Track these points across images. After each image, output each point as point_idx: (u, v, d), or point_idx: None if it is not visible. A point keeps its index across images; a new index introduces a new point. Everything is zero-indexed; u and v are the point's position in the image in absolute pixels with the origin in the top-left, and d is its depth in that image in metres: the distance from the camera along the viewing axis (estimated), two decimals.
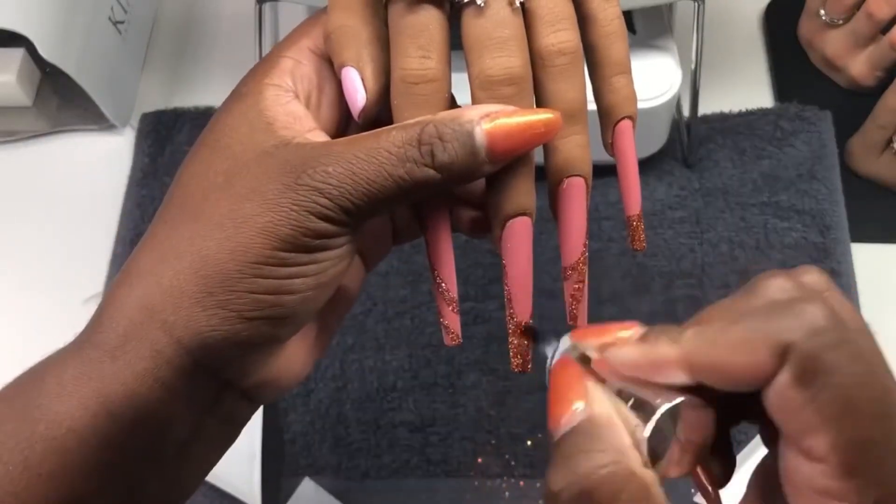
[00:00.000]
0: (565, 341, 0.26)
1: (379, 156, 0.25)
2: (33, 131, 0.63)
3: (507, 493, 0.50)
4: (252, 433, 0.50)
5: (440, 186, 0.25)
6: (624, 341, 0.24)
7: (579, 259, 0.28)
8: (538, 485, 0.50)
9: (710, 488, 0.24)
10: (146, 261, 0.26)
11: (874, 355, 0.21)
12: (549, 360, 0.26)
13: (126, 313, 0.25)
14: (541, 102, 0.27)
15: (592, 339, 0.25)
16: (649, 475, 0.22)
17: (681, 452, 0.23)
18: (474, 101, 0.26)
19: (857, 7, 0.58)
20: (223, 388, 0.27)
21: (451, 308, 0.28)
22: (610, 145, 0.29)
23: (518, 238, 0.27)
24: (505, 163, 0.26)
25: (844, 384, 0.20)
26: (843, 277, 0.54)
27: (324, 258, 0.26)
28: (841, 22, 0.59)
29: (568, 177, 0.27)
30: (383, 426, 0.52)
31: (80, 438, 0.24)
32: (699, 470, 0.24)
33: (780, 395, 0.20)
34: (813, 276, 0.23)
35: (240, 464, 0.50)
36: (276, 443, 0.52)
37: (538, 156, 0.28)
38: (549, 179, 0.28)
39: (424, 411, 0.52)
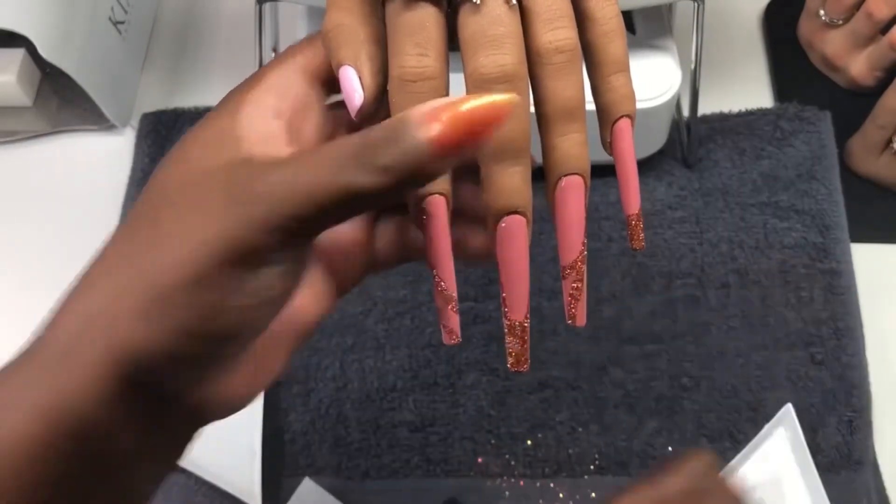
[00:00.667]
0: None
1: (323, 160, 0.24)
2: (33, 131, 0.63)
3: (507, 493, 0.50)
4: (252, 433, 0.50)
5: (391, 190, 0.24)
6: None
7: (577, 258, 0.28)
8: (538, 485, 0.50)
9: None
10: (94, 272, 0.25)
11: None
12: None
13: (68, 324, 0.24)
14: (539, 101, 0.27)
15: None
16: None
17: None
18: None
19: (857, 7, 0.58)
20: (163, 403, 0.26)
21: (449, 307, 0.28)
22: (608, 144, 0.29)
23: (511, 236, 0.26)
24: (460, 154, 0.23)
25: None
26: (843, 277, 0.54)
27: (266, 273, 0.24)
28: (841, 22, 0.59)
29: (566, 175, 0.27)
30: (383, 426, 0.52)
31: (26, 452, 0.23)
32: None
33: None
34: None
35: (240, 464, 0.50)
36: (276, 443, 0.52)
37: (537, 157, 0.28)
38: (546, 178, 0.28)
39: (424, 411, 0.52)
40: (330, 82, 0.29)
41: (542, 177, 0.28)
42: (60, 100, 0.63)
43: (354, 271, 0.31)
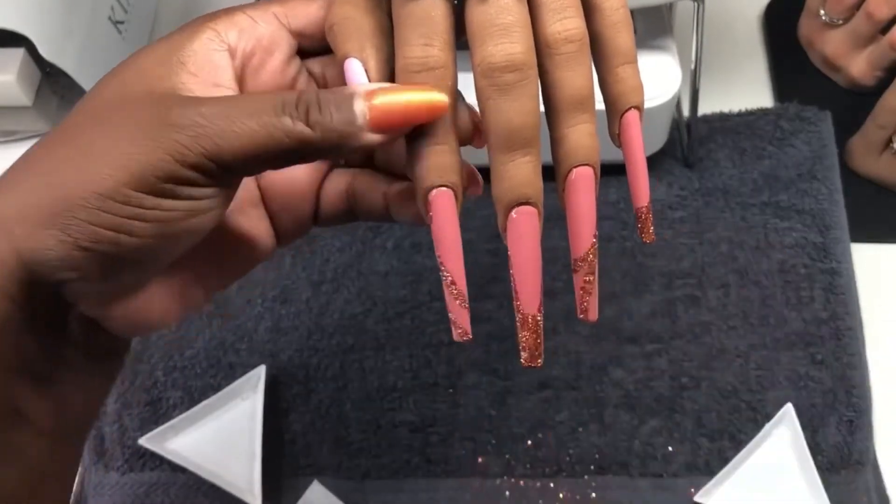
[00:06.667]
0: None
1: (256, 104, 0.25)
2: (33, 131, 0.63)
3: (507, 493, 0.50)
4: (252, 433, 0.50)
5: (318, 148, 0.25)
6: None
7: (589, 250, 0.27)
8: (538, 485, 0.50)
9: None
10: (13, 174, 0.26)
11: None
12: None
13: None
14: (547, 91, 0.27)
15: None
16: None
17: None
18: (477, 89, 0.26)
19: (857, 7, 0.58)
20: (64, 310, 0.26)
21: (458, 303, 0.27)
22: (616, 136, 0.29)
23: (522, 228, 0.26)
24: (391, 134, 0.25)
25: None
26: (843, 277, 0.54)
27: (171, 206, 0.25)
28: (841, 22, 0.59)
29: (576, 166, 0.27)
30: (384, 426, 0.52)
31: None
32: None
33: None
34: None
35: (240, 464, 0.50)
36: (276, 443, 0.52)
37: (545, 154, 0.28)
38: (556, 169, 0.27)
39: (424, 411, 0.52)
40: (308, 37, 0.30)
41: (548, 177, 0.28)
42: (60, 100, 0.63)
43: (297, 222, 0.32)
